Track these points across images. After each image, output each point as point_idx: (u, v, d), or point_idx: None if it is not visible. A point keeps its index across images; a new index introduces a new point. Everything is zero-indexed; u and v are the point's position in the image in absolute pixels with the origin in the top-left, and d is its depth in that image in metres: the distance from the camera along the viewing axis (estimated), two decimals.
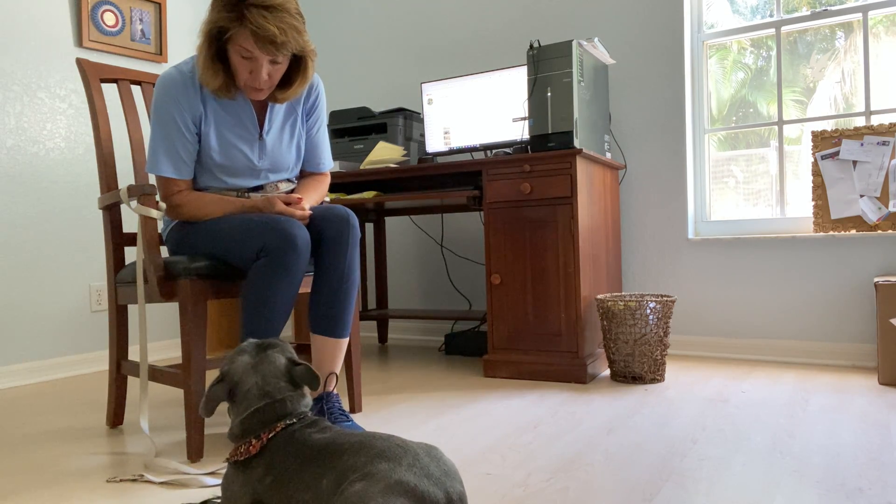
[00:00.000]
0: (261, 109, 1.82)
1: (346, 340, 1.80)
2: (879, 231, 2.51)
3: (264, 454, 1.13)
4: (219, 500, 1.33)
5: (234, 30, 1.59)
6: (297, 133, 1.89)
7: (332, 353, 1.77)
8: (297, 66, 1.73)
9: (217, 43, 1.65)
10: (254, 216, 1.69)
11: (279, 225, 1.62)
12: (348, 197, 2.78)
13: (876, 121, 2.62)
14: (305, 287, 1.95)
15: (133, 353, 3.08)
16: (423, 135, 3.13)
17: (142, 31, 3.19)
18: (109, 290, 1.96)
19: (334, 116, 3.18)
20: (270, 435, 1.14)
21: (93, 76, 1.98)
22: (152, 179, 2.93)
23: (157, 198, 1.76)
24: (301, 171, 2.01)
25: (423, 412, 2.04)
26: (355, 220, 1.77)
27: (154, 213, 1.70)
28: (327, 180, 2.02)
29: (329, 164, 2.02)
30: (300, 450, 1.10)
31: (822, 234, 2.59)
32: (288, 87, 1.75)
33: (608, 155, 2.74)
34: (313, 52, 1.72)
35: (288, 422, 1.15)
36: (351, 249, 1.75)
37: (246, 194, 1.85)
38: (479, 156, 3.21)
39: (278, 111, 1.84)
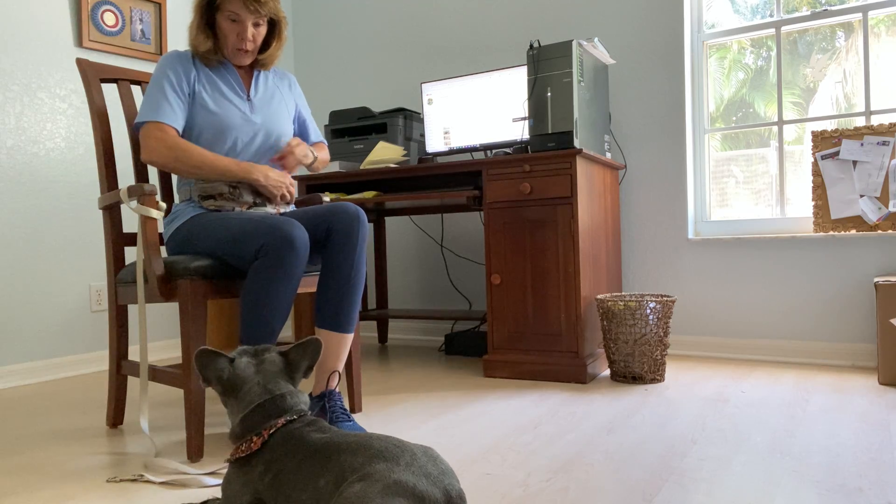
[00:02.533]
0: (246, 79, 2.01)
1: (350, 336, 1.82)
2: (879, 231, 2.51)
3: (264, 451, 1.14)
4: (219, 501, 1.33)
5: None
6: (285, 104, 2.04)
7: (337, 349, 1.79)
8: (273, 31, 1.99)
9: (207, 13, 1.90)
10: (253, 216, 1.70)
11: (278, 225, 1.63)
12: (348, 197, 2.78)
13: (876, 121, 2.62)
14: (304, 287, 1.95)
15: (133, 353, 3.08)
16: (423, 135, 3.13)
17: (142, 31, 3.19)
18: (109, 290, 1.96)
19: (334, 116, 3.18)
20: (271, 431, 1.15)
21: (93, 76, 1.98)
22: (153, 178, 2.93)
23: (155, 157, 1.81)
24: None
25: (423, 412, 2.04)
26: (364, 217, 1.83)
27: (154, 213, 1.71)
28: (325, 146, 2.19)
29: (320, 137, 2.21)
30: (299, 448, 1.11)
31: (822, 234, 2.59)
32: (267, 50, 2.00)
33: (608, 155, 2.74)
34: (285, 19, 1.99)
35: (288, 418, 1.17)
36: (360, 245, 1.80)
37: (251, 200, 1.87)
38: (479, 156, 3.21)
39: (262, 84, 2.01)
